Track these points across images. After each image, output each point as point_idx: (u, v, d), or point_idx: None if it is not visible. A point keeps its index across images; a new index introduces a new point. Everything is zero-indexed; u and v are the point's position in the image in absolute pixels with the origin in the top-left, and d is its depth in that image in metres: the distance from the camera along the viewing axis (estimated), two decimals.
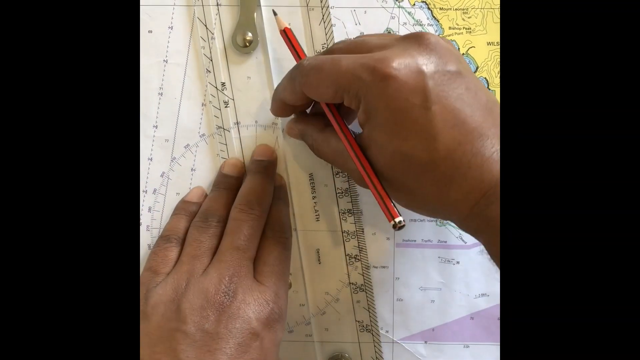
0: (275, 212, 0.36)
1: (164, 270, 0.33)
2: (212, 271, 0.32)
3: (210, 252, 0.33)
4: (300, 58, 0.33)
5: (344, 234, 0.37)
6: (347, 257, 0.38)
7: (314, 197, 0.37)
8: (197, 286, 0.31)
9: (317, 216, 0.37)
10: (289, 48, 0.34)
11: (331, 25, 0.36)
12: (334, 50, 0.31)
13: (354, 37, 0.34)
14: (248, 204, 0.34)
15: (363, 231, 0.38)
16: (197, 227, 0.34)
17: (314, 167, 0.37)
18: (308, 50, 0.36)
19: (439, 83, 0.27)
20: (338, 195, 0.37)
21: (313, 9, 0.36)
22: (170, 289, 0.32)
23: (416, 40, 0.29)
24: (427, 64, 0.28)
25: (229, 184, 0.36)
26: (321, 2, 0.36)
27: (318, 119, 0.34)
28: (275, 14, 0.35)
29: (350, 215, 0.37)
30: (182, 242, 0.35)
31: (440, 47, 0.28)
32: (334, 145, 0.32)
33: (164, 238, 0.35)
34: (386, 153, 0.28)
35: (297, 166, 0.37)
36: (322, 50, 0.36)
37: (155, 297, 0.32)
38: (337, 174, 0.37)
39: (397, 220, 0.29)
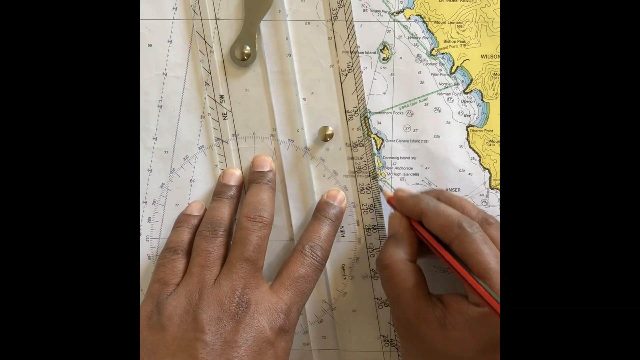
0: (320, 230, 0.36)
1: (173, 281, 0.34)
2: (224, 283, 0.33)
3: (219, 262, 0.34)
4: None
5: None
6: (372, 272, 0.38)
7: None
8: (210, 297, 0.32)
9: None
10: (393, 209, 0.36)
11: (355, 39, 0.37)
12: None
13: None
14: (255, 212, 0.35)
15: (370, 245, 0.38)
16: (205, 237, 0.35)
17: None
18: (332, 56, 0.37)
19: None
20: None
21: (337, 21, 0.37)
22: (183, 300, 0.32)
23: None
24: None
25: (230, 193, 0.37)
26: (345, 15, 0.37)
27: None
28: (380, 189, 0.37)
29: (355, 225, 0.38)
30: (187, 254, 0.35)
31: None
32: None
33: (170, 250, 0.35)
34: None
35: (294, 178, 0.38)
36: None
37: (169, 308, 0.32)
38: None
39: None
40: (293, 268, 0.34)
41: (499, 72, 0.37)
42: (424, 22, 0.37)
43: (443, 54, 0.37)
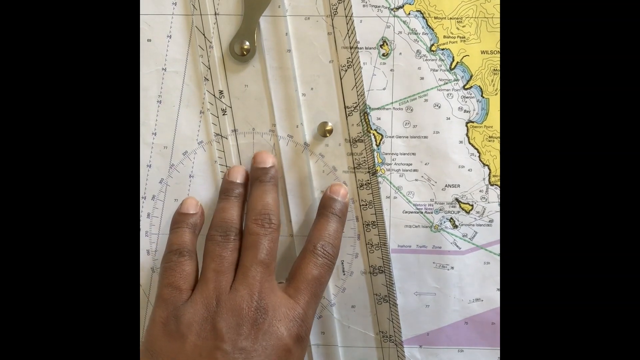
0: (328, 227, 0.36)
1: (185, 286, 0.33)
2: (240, 288, 0.32)
3: (233, 267, 0.34)
4: None
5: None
6: (371, 268, 0.38)
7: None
8: (228, 304, 0.32)
9: None
10: None
11: (355, 34, 0.37)
12: None
13: None
14: (265, 216, 0.34)
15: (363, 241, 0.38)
16: (217, 242, 0.34)
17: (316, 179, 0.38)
18: (331, 52, 0.37)
19: None
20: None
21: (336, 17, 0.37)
22: (201, 308, 0.32)
23: None
24: None
25: (237, 190, 0.36)
26: (345, 10, 0.37)
27: None
28: None
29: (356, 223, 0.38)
30: (193, 255, 0.35)
31: None
32: None
33: (175, 252, 0.35)
34: None
35: (294, 174, 0.38)
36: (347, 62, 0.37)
37: (188, 315, 0.32)
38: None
39: None
40: (307, 270, 0.34)
41: (498, 68, 0.37)
42: (423, 17, 0.37)
43: (443, 49, 0.37)
